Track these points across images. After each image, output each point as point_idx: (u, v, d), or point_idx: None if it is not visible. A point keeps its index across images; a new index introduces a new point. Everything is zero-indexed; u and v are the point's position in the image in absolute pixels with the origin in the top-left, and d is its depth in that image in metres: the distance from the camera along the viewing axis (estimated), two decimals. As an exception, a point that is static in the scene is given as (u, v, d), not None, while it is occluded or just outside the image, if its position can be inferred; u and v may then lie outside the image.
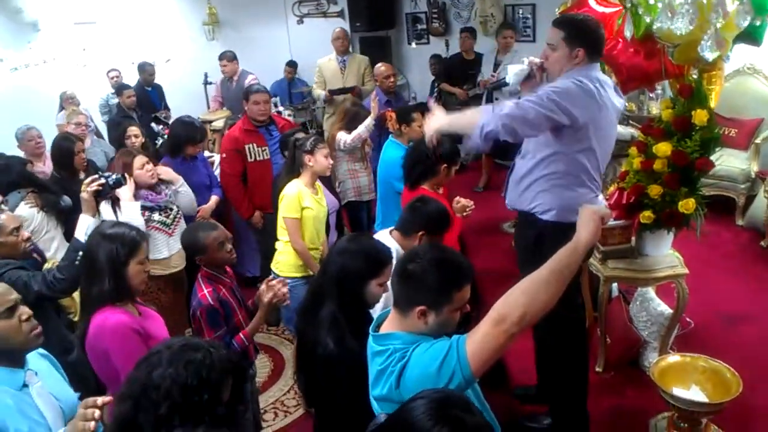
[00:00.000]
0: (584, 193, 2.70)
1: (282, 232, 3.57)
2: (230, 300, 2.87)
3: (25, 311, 1.96)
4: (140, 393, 1.52)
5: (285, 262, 3.56)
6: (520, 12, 7.45)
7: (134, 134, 4.71)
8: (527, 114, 2.48)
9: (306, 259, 3.49)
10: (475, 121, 2.53)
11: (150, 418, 1.48)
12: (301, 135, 3.68)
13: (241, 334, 2.75)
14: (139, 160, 3.61)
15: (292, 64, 8.07)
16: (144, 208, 3.57)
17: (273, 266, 3.62)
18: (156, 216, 3.62)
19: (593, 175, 2.72)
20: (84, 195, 2.87)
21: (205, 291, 2.79)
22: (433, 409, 1.32)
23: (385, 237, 2.89)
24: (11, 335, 1.91)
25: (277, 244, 3.63)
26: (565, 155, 2.67)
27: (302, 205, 3.48)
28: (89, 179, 2.92)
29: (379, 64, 5.64)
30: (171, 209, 3.73)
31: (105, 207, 3.38)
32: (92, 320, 2.29)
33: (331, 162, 3.64)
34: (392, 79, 5.54)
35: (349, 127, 4.67)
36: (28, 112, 6.11)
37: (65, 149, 4.16)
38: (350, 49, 6.66)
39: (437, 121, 2.64)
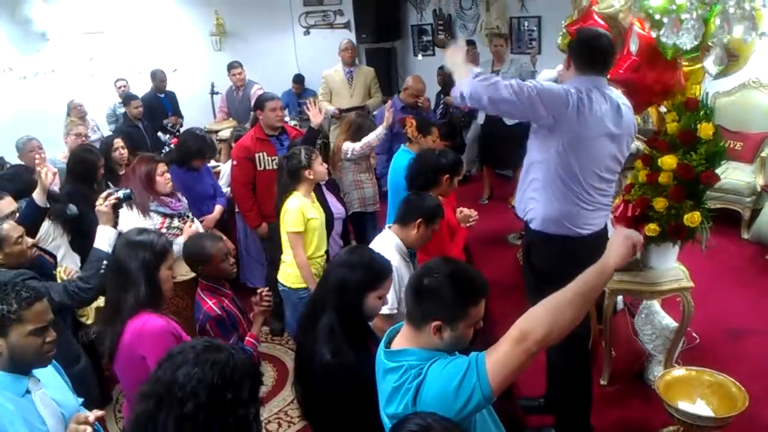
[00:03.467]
0: (565, 205, 2.69)
1: (288, 245, 3.57)
2: (234, 310, 2.94)
3: (51, 334, 1.98)
4: (164, 391, 1.52)
5: (293, 273, 3.55)
6: (526, 24, 7.48)
7: (120, 146, 4.65)
8: (502, 95, 2.52)
9: (306, 274, 3.48)
10: (461, 78, 2.65)
11: (173, 416, 1.49)
12: (293, 151, 3.65)
13: (249, 338, 2.84)
14: (161, 167, 3.66)
15: (298, 80, 8.05)
16: (164, 215, 3.61)
17: (280, 278, 3.63)
18: (175, 223, 3.65)
19: (573, 187, 2.67)
20: (103, 208, 2.93)
21: (210, 303, 2.85)
22: None
23: (385, 234, 2.98)
24: (31, 352, 1.92)
25: (284, 257, 3.62)
26: (542, 163, 2.70)
27: (307, 217, 3.50)
28: (104, 194, 3.00)
29: (414, 81, 5.64)
30: (188, 216, 3.77)
31: (123, 212, 3.45)
32: (128, 326, 2.33)
33: (326, 167, 3.67)
34: (422, 99, 5.61)
35: (354, 138, 4.68)
36: (36, 121, 6.17)
37: (90, 162, 4.17)
38: (356, 61, 6.66)
39: (451, 56, 2.77)
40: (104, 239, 2.84)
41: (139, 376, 2.27)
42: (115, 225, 3.03)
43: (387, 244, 2.90)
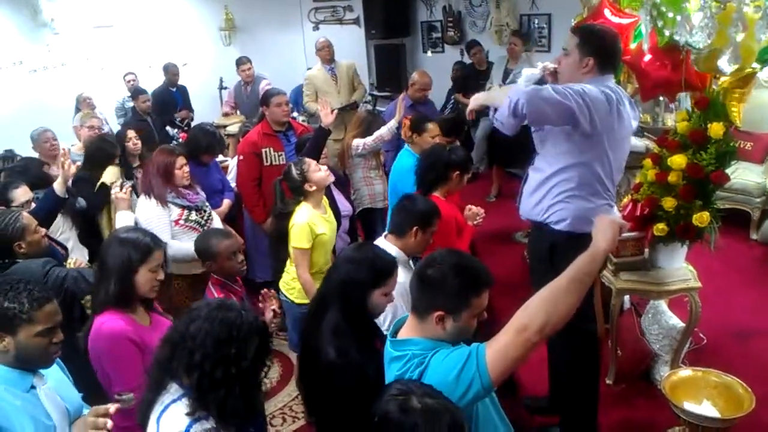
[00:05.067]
0: (600, 204, 2.69)
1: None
2: None
3: (59, 336, 1.97)
4: (179, 340, 1.74)
5: (297, 288, 3.42)
6: (536, 22, 7.45)
7: (134, 137, 4.67)
8: (561, 100, 2.41)
9: (309, 291, 3.31)
10: (507, 95, 2.51)
11: (183, 362, 1.72)
12: (286, 170, 3.52)
13: None
14: (180, 160, 3.67)
15: None
16: (182, 207, 3.63)
17: (283, 288, 3.49)
18: (193, 215, 3.67)
19: (607, 185, 2.70)
20: (121, 195, 3.42)
21: (216, 297, 2.83)
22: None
23: (381, 243, 2.86)
24: (37, 353, 1.91)
25: (290, 267, 3.49)
26: (580, 165, 2.65)
27: (316, 233, 3.33)
28: (118, 183, 3.34)
29: (419, 76, 5.62)
30: (205, 210, 3.78)
31: (141, 200, 3.59)
32: (95, 321, 2.33)
33: (328, 171, 3.51)
34: (427, 93, 5.61)
35: (365, 135, 4.67)
36: (45, 114, 6.21)
37: (109, 154, 4.24)
38: (335, 58, 6.63)
39: (477, 97, 2.81)
40: (126, 222, 3.03)
41: (101, 371, 2.32)
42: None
43: None
